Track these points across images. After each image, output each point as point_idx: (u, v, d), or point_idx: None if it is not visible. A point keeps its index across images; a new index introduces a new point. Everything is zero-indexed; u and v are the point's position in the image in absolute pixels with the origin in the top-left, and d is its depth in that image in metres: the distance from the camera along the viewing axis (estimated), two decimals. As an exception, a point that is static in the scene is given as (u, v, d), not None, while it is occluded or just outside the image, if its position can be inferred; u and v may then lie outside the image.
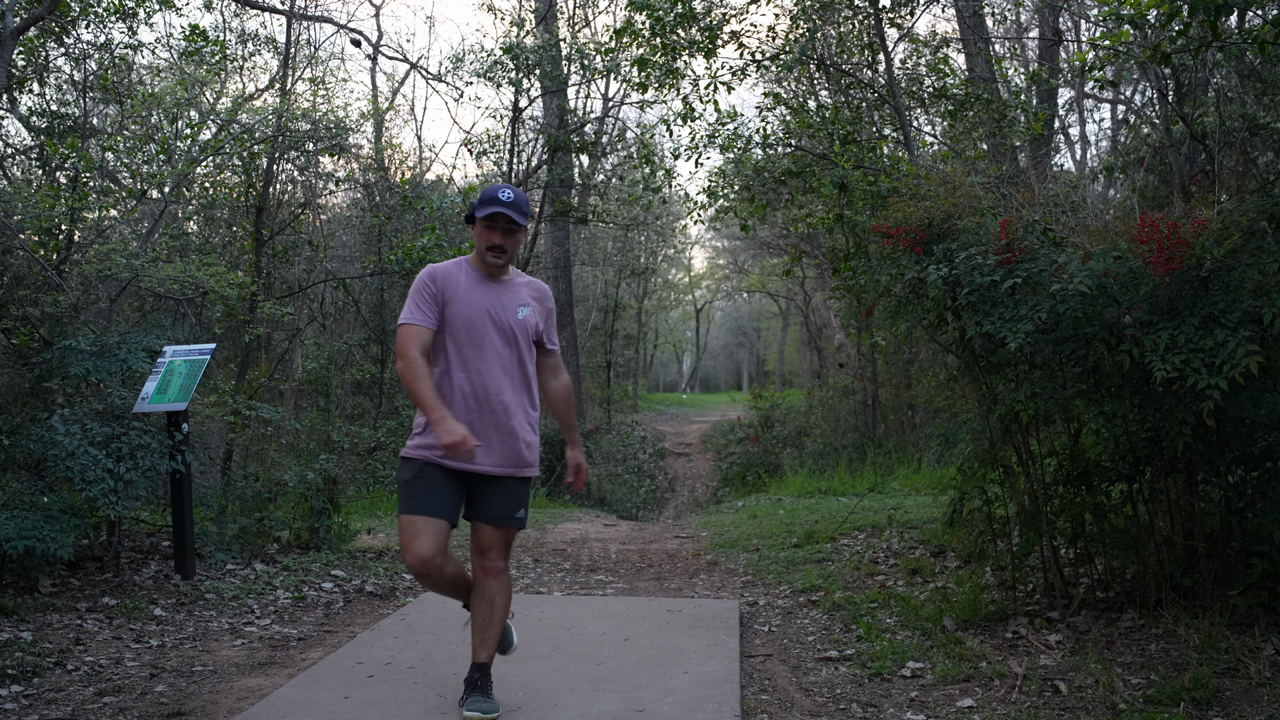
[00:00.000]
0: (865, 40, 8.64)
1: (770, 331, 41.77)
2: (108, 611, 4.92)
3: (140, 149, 8.04)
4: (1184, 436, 3.84)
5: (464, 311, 3.34)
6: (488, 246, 3.36)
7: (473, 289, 3.39)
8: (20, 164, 9.01)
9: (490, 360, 3.34)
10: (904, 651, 4.23)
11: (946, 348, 5.01)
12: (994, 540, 4.82)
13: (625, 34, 8.09)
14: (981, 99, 8.40)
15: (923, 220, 4.51)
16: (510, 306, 3.41)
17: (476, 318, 3.36)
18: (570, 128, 14.02)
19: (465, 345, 3.34)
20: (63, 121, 8.01)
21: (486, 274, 3.43)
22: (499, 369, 3.35)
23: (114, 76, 8.37)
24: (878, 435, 13.31)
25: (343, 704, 3.60)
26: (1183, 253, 3.77)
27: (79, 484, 5.02)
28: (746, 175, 9.17)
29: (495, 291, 3.41)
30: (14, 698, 3.73)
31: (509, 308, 3.40)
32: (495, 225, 3.33)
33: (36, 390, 5.84)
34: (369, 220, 12.75)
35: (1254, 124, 5.72)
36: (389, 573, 6.30)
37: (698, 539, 7.76)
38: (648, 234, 24.11)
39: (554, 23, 14.35)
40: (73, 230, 6.87)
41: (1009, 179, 7.04)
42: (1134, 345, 3.80)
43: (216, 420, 7.27)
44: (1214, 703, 3.40)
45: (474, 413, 3.32)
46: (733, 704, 3.54)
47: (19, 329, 6.01)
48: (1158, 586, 4.27)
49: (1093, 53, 6.69)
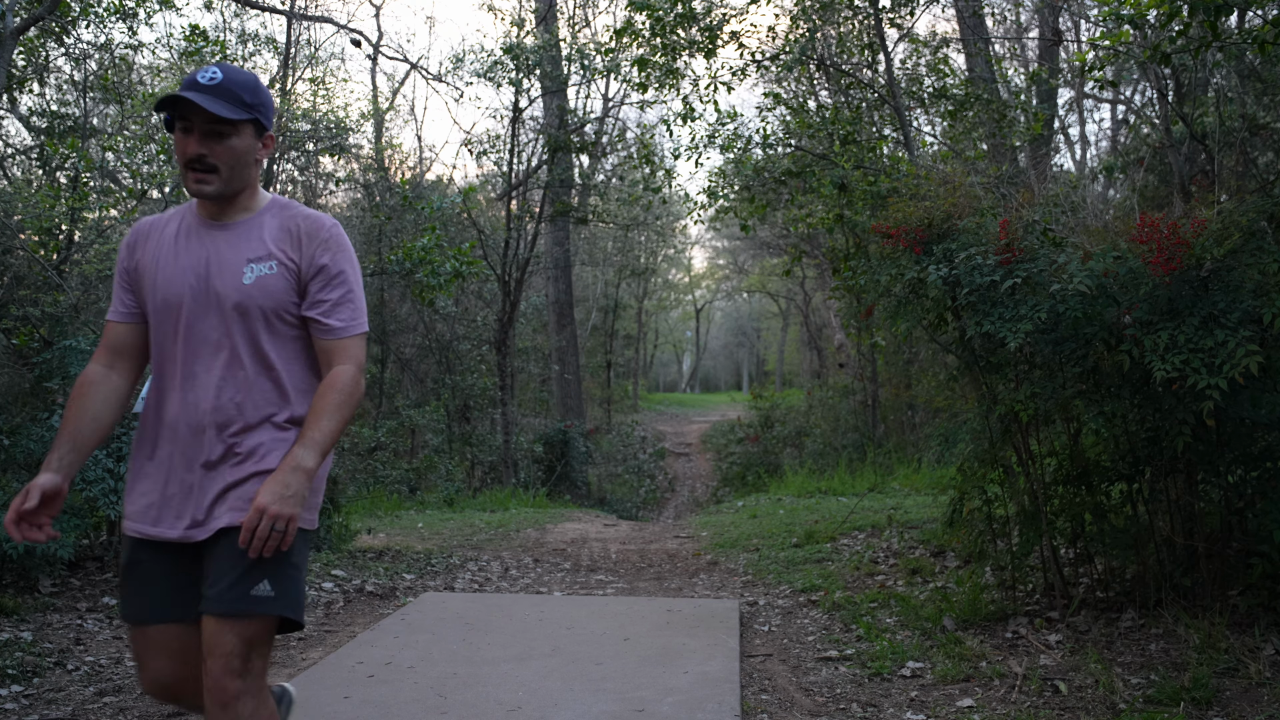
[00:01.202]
0: (865, 40, 8.64)
1: (770, 331, 41.78)
2: (108, 611, 4.93)
3: (140, 149, 8.05)
4: (1184, 436, 3.84)
5: (161, 287, 2.14)
6: (185, 163, 2.10)
7: (179, 249, 2.16)
8: (20, 164, 9.02)
9: (199, 360, 2.12)
10: (904, 651, 4.23)
11: (946, 348, 5.02)
12: (994, 540, 4.82)
13: (625, 34, 8.09)
14: (981, 99, 8.41)
15: (923, 220, 4.51)
16: (233, 264, 2.12)
17: (173, 294, 2.13)
18: (570, 128, 14.03)
19: (163, 341, 2.15)
20: (63, 121, 8.01)
21: (206, 216, 2.18)
22: (215, 371, 2.11)
23: (114, 76, 8.38)
24: (878, 435, 13.31)
25: (343, 704, 3.60)
26: (1183, 253, 3.77)
27: (79, 484, 5.02)
28: (746, 175, 9.17)
29: (215, 245, 2.14)
30: (14, 698, 3.74)
31: (230, 266, 2.12)
32: (190, 127, 2.08)
33: (36, 390, 5.84)
34: (369, 220, 12.75)
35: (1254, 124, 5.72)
36: (389, 573, 6.30)
37: (698, 539, 7.76)
38: (648, 234, 24.11)
39: (554, 23, 14.35)
40: (73, 230, 6.88)
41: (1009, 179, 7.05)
42: (1134, 345, 3.81)
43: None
44: (1214, 703, 3.40)
45: (178, 448, 2.11)
46: (733, 704, 3.55)
47: (19, 329, 6.01)
48: (1158, 586, 4.27)
49: (1093, 53, 6.69)
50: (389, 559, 6.77)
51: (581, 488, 14.14)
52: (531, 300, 17.58)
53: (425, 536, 8.18)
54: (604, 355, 24.08)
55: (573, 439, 14.09)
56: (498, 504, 11.02)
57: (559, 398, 16.78)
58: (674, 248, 30.70)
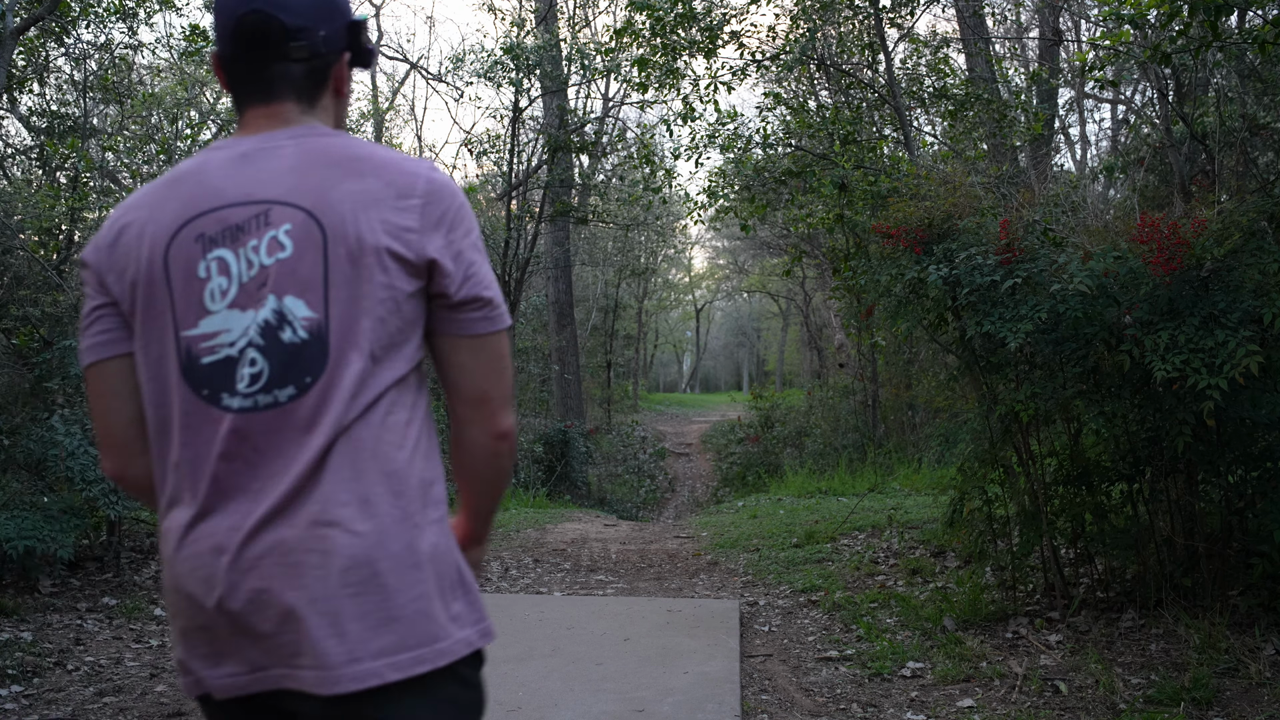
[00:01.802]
0: (865, 40, 8.64)
1: (770, 331, 41.77)
2: (108, 611, 4.92)
3: (140, 149, 8.05)
4: (1184, 436, 3.84)
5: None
6: None
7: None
8: (20, 164, 9.02)
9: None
10: (904, 651, 4.23)
11: (946, 348, 5.01)
12: (994, 540, 4.82)
13: (625, 34, 8.09)
14: (981, 99, 8.41)
15: (923, 220, 4.51)
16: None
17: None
18: (570, 128, 14.02)
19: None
20: (63, 121, 8.01)
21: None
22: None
23: (114, 76, 8.38)
24: (878, 435, 13.31)
25: (343, 704, 3.60)
26: (1183, 253, 3.77)
27: (79, 484, 5.02)
28: (746, 175, 9.17)
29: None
30: (14, 698, 3.73)
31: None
32: None
33: (37, 390, 5.84)
34: (369, 220, 12.73)
35: (1254, 124, 5.72)
36: (389, 573, 6.30)
37: (698, 539, 7.76)
38: (648, 234, 24.10)
39: (554, 23, 14.35)
40: (73, 230, 6.88)
41: (1009, 179, 7.05)
42: (1134, 345, 3.80)
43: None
44: (1214, 703, 3.40)
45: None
46: (733, 704, 3.54)
47: (19, 329, 6.01)
48: (1158, 586, 4.27)
49: (1093, 53, 6.69)
50: (389, 559, 6.77)
51: (581, 488, 14.13)
52: (531, 300, 17.58)
53: (425, 536, 8.16)
54: (604, 355, 24.07)
55: (573, 439, 14.08)
56: (498, 504, 11.00)
57: (559, 398, 16.77)
58: (674, 248, 30.70)
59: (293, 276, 1.29)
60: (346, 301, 1.29)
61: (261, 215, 1.31)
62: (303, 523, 1.25)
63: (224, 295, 1.30)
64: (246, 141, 1.38)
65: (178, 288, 1.31)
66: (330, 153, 1.35)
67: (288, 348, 1.28)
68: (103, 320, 1.37)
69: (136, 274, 1.33)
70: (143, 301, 1.33)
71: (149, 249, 1.33)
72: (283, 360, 1.28)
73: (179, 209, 1.34)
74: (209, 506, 1.29)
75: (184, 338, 1.31)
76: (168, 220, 1.33)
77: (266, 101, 1.40)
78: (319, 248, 1.29)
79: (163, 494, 1.34)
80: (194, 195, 1.34)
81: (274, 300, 1.29)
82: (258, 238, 1.30)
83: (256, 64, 1.39)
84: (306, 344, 1.28)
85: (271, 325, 1.29)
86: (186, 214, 1.33)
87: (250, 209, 1.32)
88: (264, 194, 1.32)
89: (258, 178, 1.33)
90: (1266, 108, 5.95)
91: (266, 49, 1.37)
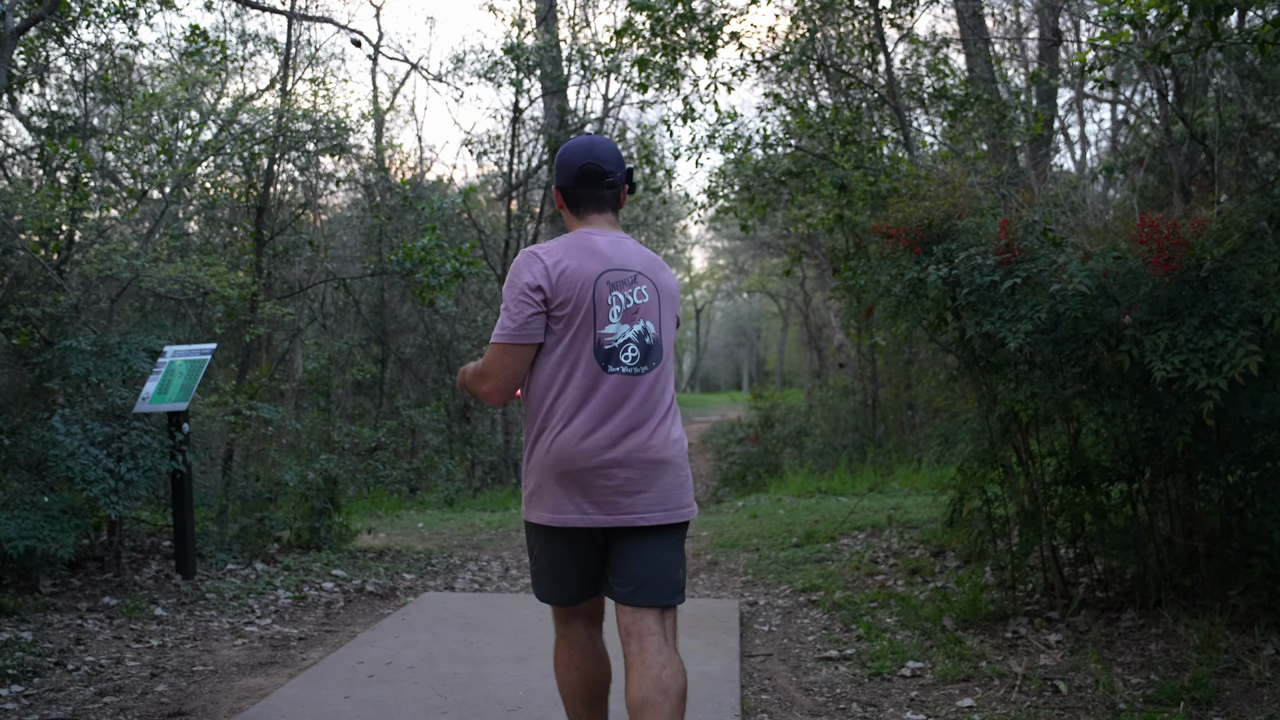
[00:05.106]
0: (865, 40, 8.64)
1: (770, 331, 41.76)
2: (108, 611, 4.93)
3: (141, 149, 8.04)
4: (1184, 436, 3.84)
5: None
6: None
7: None
8: (21, 164, 9.01)
9: None
10: (904, 651, 4.24)
11: (946, 348, 5.02)
12: (994, 540, 4.82)
13: (625, 34, 8.09)
14: (981, 99, 8.40)
15: (922, 220, 4.51)
16: None
17: None
18: (570, 128, 14.03)
19: None
20: (63, 121, 8.00)
21: None
22: None
23: (114, 77, 8.37)
24: (878, 435, 13.31)
25: (343, 704, 3.60)
26: (1182, 253, 3.77)
27: (80, 484, 5.02)
28: (746, 175, 9.17)
29: None
30: (14, 698, 3.74)
31: None
32: None
33: (37, 390, 5.84)
34: (369, 220, 12.75)
35: (1254, 124, 5.72)
36: (389, 572, 6.30)
37: (698, 539, 7.76)
38: (648, 234, 24.10)
39: (554, 23, 14.34)
40: (73, 230, 6.88)
41: (1009, 179, 7.05)
42: (1134, 345, 3.81)
43: (217, 420, 7.27)
44: (1214, 703, 3.40)
45: None
46: (733, 704, 3.55)
47: (20, 329, 6.01)
48: (1158, 586, 4.27)
49: (1093, 53, 6.69)
50: (389, 559, 6.77)
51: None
52: (532, 300, 17.56)
53: (425, 536, 8.18)
54: (604, 355, 24.00)
55: (573, 439, 14.07)
56: (498, 504, 11.03)
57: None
58: (674, 248, 30.67)
59: (648, 311, 2.51)
60: (666, 330, 2.56)
61: (634, 276, 2.51)
62: (645, 434, 2.47)
63: (619, 315, 2.46)
64: (609, 234, 2.56)
65: (600, 307, 2.44)
66: (644, 251, 2.59)
67: (648, 346, 2.49)
68: (536, 320, 2.44)
69: (574, 296, 2.43)
70: (578, 312, 2.44)
71: (582, 284, 2.44)
72: (645, 352, 2.48)
73: (597, 266, 2.46)
74: (598, 423, 2.43)
75: (598, 334, 2.44)
76: (593, 269, 2.46)
77: (601, 211, 2.59)
78: (657, 300, 2.54)
79: (562, 416, 2.44)
80: (602, 259, 2.48)
81: (642, 322, 2.49)
82: (632, 289, 2.49)
83: (591, 190, 2.58)
84: (654, 346, 2.51)
85: (641, 334, 2.49)
86: (602, 268, 2.47)
87: (628, 273, 2.51)
88: (632, 266, 2.52)
89: (625, 256, 2.53)
90: (1266, 108, 5.95)
91: (598, 186, 2.57)
